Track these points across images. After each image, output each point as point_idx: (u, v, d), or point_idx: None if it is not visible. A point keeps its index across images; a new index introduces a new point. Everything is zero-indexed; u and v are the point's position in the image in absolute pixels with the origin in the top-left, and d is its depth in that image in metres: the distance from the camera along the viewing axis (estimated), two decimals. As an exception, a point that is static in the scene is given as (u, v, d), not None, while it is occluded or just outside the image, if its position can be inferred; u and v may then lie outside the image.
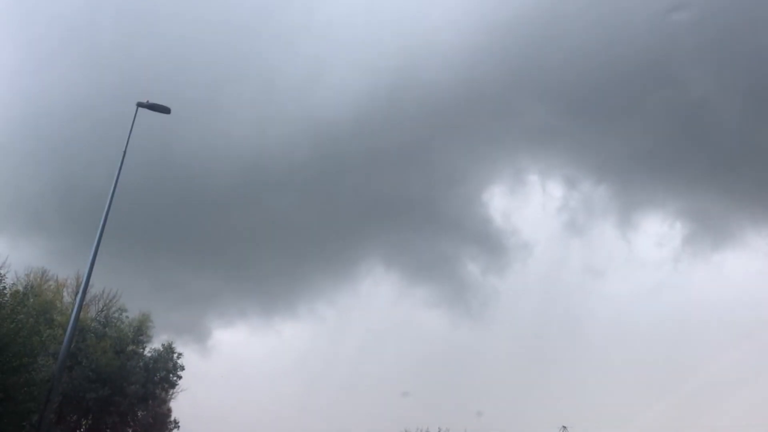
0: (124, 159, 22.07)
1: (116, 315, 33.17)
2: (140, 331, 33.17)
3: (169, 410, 37.48)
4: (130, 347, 32.37)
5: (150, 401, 32.49)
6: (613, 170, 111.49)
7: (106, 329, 31.90)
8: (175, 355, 33.64)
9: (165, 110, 23.42)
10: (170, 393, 38.23)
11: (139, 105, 23.12)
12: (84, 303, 39.63)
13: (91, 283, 31.54)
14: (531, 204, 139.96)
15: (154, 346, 34.35)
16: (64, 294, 33.84)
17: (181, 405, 40.14)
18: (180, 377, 33.90)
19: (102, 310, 34.37)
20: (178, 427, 35.23)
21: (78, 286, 32.21)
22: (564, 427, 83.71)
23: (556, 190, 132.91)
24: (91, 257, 19.76)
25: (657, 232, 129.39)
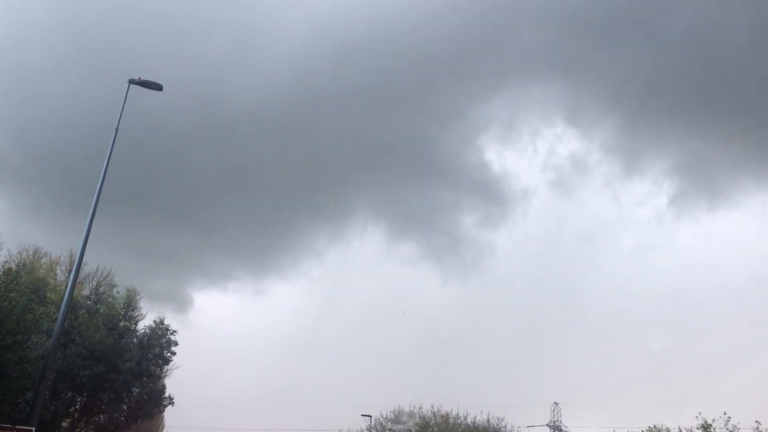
0: (116, 136, 21.98)
1: (106, 291, 33.19)
2: (130, 306, 33.23)
3: (164, 387, 37.76)
4: (122, 323, 32.45)
5: (144, 378, 32.65)
6: (620, 104, 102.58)
7: (98, 306, 31.94)
8: (169, 332, 33.75)
9: (157, 87, 23.23)
10: (164, 369, 38.48)
11: (131, 82, 22.93)
12: (78, 281, 39.62)
13: (84, 260, 31.42)
14: (529, 148, 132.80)
15: (146, 322, 34.46)
16: (57, 272, 33.82)
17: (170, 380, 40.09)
18: (174, 353, 34.10)
19: (95, 288, 34.36)
20: (173, 403, 35.49)
21: (71, 264, 32.11)
22: (555, 403, 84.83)
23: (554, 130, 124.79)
24: (84, 234, 19.62)
25: (641, 192, 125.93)
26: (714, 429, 31.04)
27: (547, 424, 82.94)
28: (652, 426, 36.40)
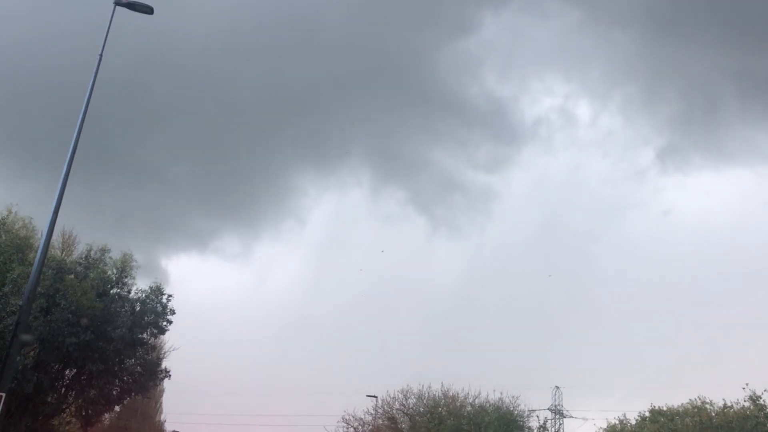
0: (100, 64, 19.26)
1: (98, 255, 30.44)
2: (124, 272, 30.51)
3: (159, 359, 35.27)
4: (115, 290, 29.83)
5: (138, 349, 30.06)
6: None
7: (88, 271, 29.28)
8: (165, 297, 31.02)
9: (147, 10, 20.45)
10: (159, 339, 35.93)
11: (117, 3, 20.14)
12: (68, 247, 36.86)
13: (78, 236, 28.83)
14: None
15: (139, 287, 31.72)
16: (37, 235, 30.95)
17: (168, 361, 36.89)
18: (170, 322, 31.36)
19: (86, 253, 31.57)
20: (169, 376, 32.86)
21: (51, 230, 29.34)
22: (557, 387, 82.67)
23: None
24: (58, 190, 17.02)
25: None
26: (764, 400, 28.64)
27: (548, 408, 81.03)
28: (694, 398, 33.99)
